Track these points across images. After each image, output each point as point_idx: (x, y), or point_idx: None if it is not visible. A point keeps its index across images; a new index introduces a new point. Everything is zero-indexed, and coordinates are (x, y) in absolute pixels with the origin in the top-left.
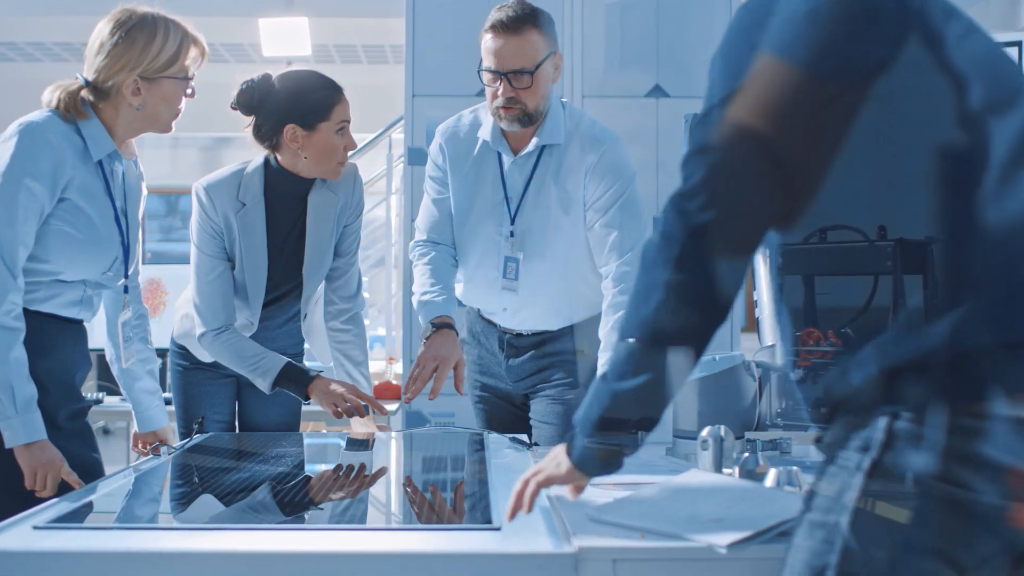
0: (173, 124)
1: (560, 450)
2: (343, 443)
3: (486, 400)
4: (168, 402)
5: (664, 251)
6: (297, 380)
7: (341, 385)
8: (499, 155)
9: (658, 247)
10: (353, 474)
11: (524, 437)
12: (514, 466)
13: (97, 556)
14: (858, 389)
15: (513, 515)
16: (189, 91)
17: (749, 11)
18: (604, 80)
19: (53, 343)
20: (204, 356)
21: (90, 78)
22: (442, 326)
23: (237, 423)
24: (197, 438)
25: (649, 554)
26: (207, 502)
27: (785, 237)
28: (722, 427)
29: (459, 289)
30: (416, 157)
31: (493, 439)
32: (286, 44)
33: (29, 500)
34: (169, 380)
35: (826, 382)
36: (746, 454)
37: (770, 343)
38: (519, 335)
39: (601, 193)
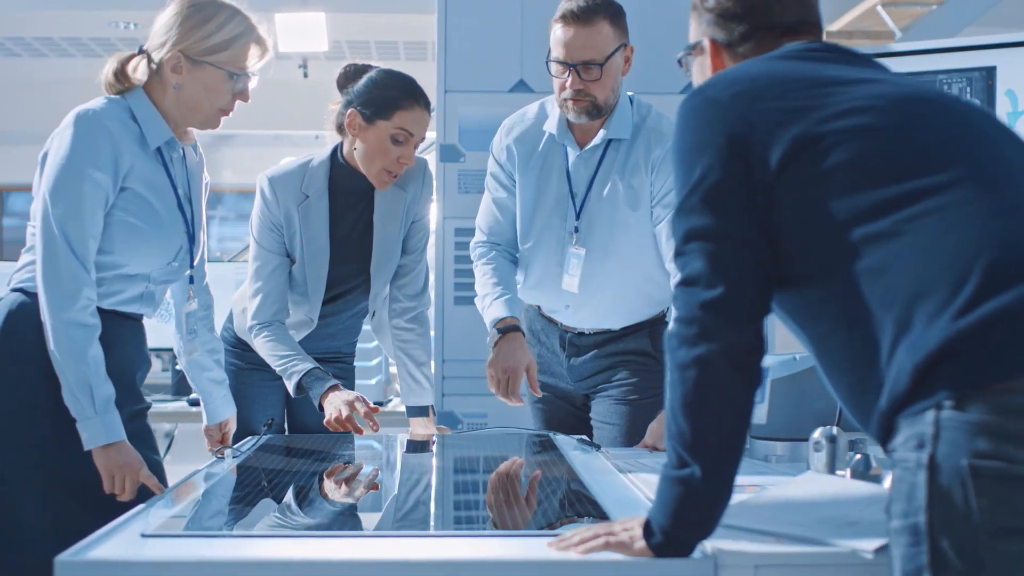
0: (220, 121)
1: (636, 524)
2: (373, 445)
3: (545, 400)
4: None
5: (684, 331)
6: (313, 389)
7: (347, 399)
8: (565, 148)
9: (678, 331)
10: (440, 478)
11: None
12: (597, 467)
13: (214, 565)
14: (903, 390)
15: (564, 548)
16: (238, 88)
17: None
18: (637, 76)
19: (114, 340)
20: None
21: (145, 47)
22: (507, 330)
23: (286, 425)
24: (263, 439)
25: (792, 559)
26: (304, 506)
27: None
28: (834, 427)
29: (520, 286)
30: (448, 154)
31: (560, 440)
32: (302, 39)
33: (100, 506)
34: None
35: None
36: (857, 456)
37: None
38: (581, 334)
39: (670, 188)
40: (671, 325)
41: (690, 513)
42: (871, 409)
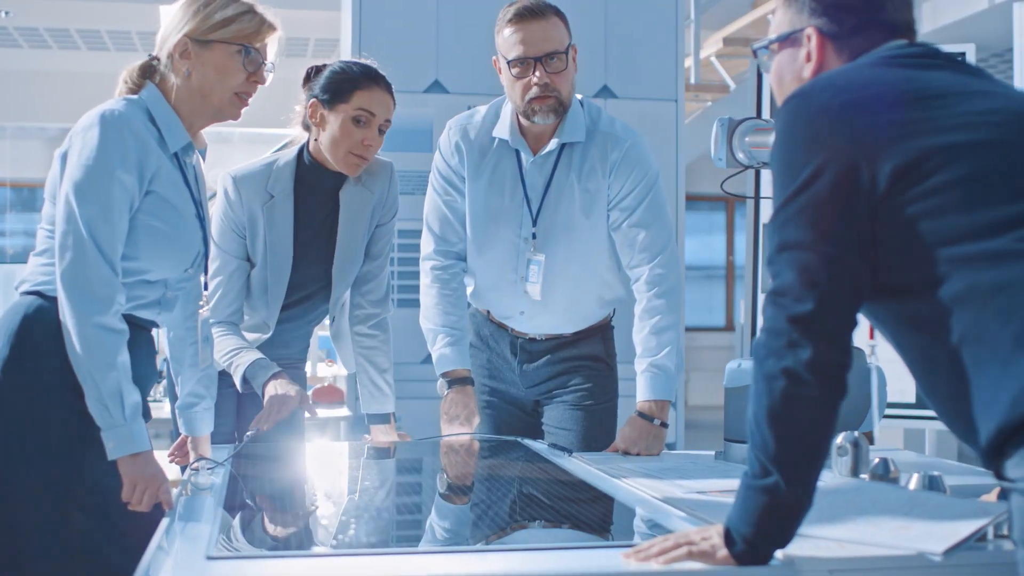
0: (239, 110)
1: (715, 532)
2: (360, 452)
3: (494, 405)
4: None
5: (773, 342)
6: (256, 378)
7: (287, 388)
8: (517, 153)
9: (766, 342)
10: (452, 488)
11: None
12: (594, 473)
13: None
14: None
15: (643, 559)
16: (251, 68)
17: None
18: None
19: (129, 350)
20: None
21: (155, 52)
22: (456, 382)
23: (236, 433)
24: (229, 450)
25: (864, 564)
26: (345, 519)
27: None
28: (856, 432)
29: (469, 290)
30: None
31: (532, 445)
32: None
33: (108, 519)
34: (165, 388)
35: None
36: (876, 459)
37: None
38: (533, 340)
39: (628, 191)
40: (759, 335)
41: (773, 522)
42: (973, 422)
